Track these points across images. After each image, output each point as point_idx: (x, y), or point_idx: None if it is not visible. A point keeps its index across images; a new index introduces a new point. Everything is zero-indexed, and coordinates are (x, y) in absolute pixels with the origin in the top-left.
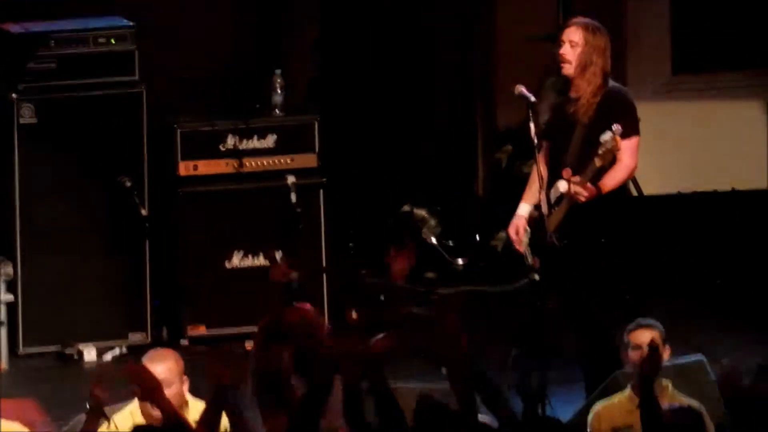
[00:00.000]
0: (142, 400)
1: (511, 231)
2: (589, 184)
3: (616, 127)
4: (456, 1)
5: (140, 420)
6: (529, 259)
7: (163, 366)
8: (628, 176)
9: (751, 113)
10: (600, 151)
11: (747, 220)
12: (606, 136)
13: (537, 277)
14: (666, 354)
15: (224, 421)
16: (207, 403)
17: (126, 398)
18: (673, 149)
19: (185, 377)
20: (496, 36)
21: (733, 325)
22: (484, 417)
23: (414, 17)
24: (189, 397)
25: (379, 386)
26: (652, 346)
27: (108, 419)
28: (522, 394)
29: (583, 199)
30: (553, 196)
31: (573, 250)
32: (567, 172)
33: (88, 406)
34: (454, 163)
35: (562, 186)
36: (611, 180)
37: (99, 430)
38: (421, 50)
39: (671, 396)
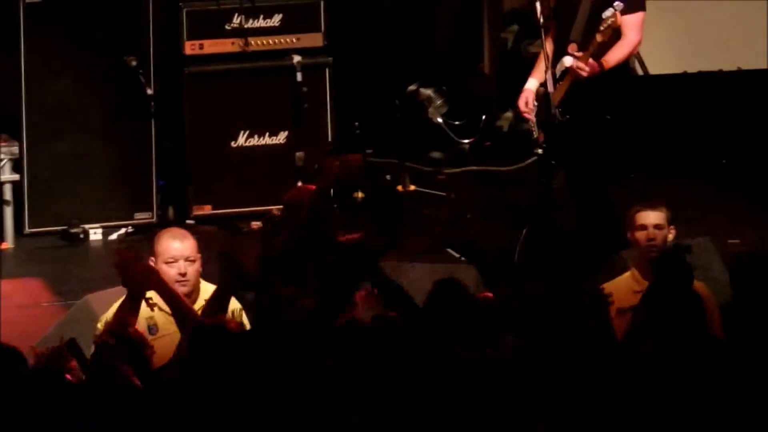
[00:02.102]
0: (138, 291)
1: (521, 103)
2: (591, 60)
3: (617, 3)
4: None
5: (158, 301)
6: (535, 134)
7: (188, 242)
8: (632, 51)
9: None
10: (601, 27)
11: (752, 100)
12: (607, 12)
13: (541, 151)
14: (671, 235)
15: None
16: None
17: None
18: (679, 29)
19: (198, 255)
20: None
21: (739, 206)
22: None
23: None
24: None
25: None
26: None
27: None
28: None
29: (584, 74)
30: (558, 70)
31: (576, 126)
32: (572, 46)
33: (127, 291)
34: (461, 43)
35: (567, 60)
36: (615, 55)
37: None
38: None
39: None
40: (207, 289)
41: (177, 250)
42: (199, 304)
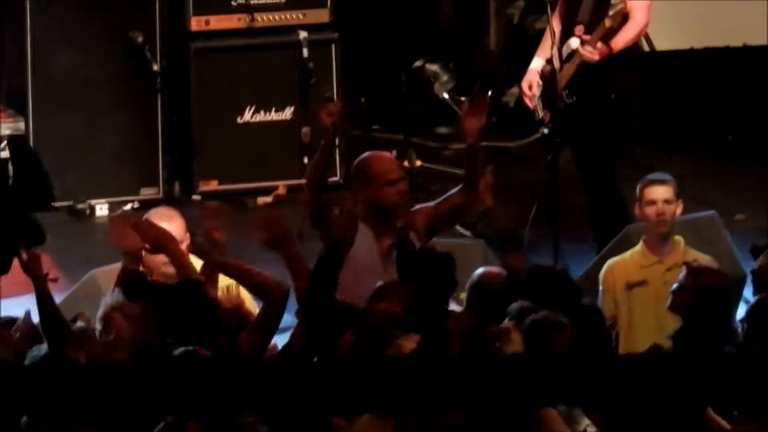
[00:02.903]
0: (153, 253)
1: (524, 85)
2: (600, 44)
3: None
4: None
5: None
6: (540, 113)
7: (174, 224)
8: (640, 33)
9: None
10: (611, 13)
11: (759, 76)
12: None
13: (546, 131)
14: (679, 209)
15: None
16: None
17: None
18: (686, 4)
19: (186, 234)
20: None
21: (746, 181)
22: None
23: None
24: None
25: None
26: None
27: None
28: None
29: (594, 58)
30: (564, 52)
31: (583, 106)
32: (579, 28)
33: (123, 255)
34: (467, 18)
35: (574, 42)
36: (623, 38)
37: None
38: None
39: (684, 252)
40: (196, 264)
41: None
42: None
